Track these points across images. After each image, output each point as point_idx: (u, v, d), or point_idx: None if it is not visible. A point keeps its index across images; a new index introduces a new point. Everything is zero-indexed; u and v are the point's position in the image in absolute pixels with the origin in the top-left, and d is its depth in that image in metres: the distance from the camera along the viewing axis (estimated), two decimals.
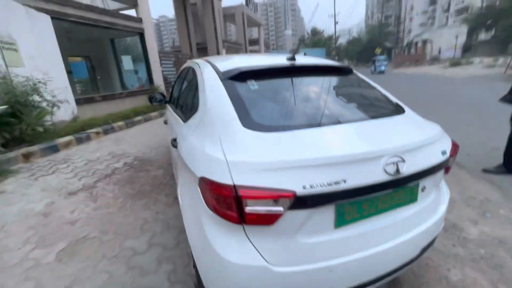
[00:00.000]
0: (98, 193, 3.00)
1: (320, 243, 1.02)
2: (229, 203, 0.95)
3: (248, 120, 1.15)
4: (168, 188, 3.03)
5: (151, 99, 3.13)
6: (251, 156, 0.98)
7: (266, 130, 1.11)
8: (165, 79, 10.55)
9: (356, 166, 0.98)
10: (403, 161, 1.03)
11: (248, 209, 0.93)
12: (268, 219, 0.95)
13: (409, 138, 1.13)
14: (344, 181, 0.94)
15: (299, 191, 0.91)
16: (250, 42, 22.00)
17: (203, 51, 15.73)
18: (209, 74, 1.52)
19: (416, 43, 37.00)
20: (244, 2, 19.70)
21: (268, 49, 29.50)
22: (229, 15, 19.07)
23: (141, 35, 9.13)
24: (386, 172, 1.00)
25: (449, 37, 30.66)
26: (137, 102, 8.45)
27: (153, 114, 7.30)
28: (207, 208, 1.05)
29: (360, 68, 41.21)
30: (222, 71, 1.49)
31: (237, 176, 0.94)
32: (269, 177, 0.93)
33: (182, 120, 1.75)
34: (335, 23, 30.02)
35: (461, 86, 11.24)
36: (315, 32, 35.54)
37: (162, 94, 3.15)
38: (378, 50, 33.20)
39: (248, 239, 1.00)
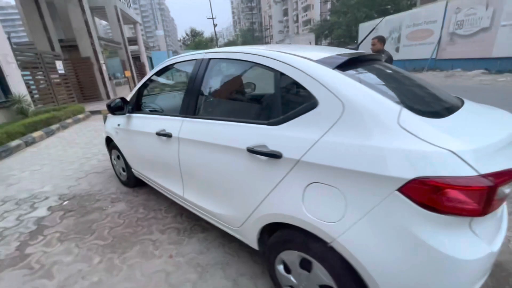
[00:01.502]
0: (42, 262, 1.90)
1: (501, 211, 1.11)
2: (475, 195, 0.87)
3: (411, 107, 1.06)
4: (157, 222, 2.30)
5: (112, 108, 2.26)
6: (471, 143, 0.93)
7: (431, 116, 1.06)
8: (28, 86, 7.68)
9: None
10: None
11: (497, 196, 0.88)
12: (501, 202, 0.93)
13: None
14: None
15: None
16: (128, 41, 19.32)
17: (72, 49, 12.48)
18: (307, 64, 1.26)
19: None
20: None
21: (148, 49, 26.87)
22: (97, 8, 15.91)
23: None
24: None
25: (305, 42, 38.07)
26: None
27: (37, 134, 5.19)
28: (424, 210, 0.91)
29: None
30: (316, 60, 1.28)
31: (479, 165, 0.87)
32: (497, 159, 0.92)
33: (260, 123, 1.36)
34: (214, 25, 30.88)
35: None
36: (194, 33, 35.22)
37: (124, 100, 2.33)
38: None
39: (471, 229, 0.95)
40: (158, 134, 1.97)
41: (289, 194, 1.24)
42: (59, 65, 9.62)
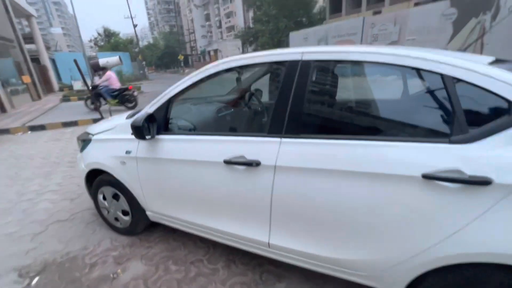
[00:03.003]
0: None
1: None
2: None
3: None
4: (209, 280, 1.69)
5: (141, 129, 1.52)
6: None
7: None
8: None
9: None
10: None
11: None
12: None
13: None
14: None
15: None
16: (23, 38, 15.34)
17: None
18: (493, 70, 1.05)
19: (209, 52, 43.07)
20: None
21: (49, 49, 22.09)
22: None
23: None
24: None
25: (232, 48, 38.50)
26: None
27: None
28: None
29: (166, 74, 41.35)
30: (488, 63, 1.11)
31: None
32: None
33: (434, 141, 1.07)
34: (134, 25, 27.59)
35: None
36: (109, 33, 30.46)
37: (151, 117, 1.62)
38: (181, 57, 35.02)
39: None
40: (230, 162, 1.42)
41: (501, 226, 1.00)
42: None
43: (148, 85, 18.47)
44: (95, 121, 6.74)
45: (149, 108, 1.72)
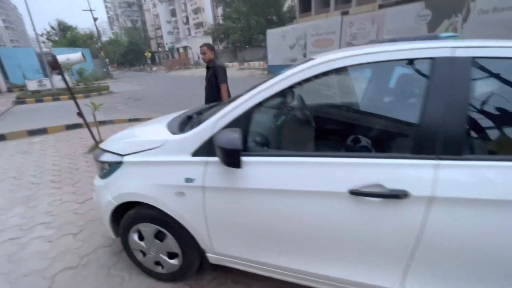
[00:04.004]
0: None
1: None
2: None
3: None
4: None
5: (238, 155, 1.09)
6: None
7: None
8: None
9: None
10: None
11: None
12: None
13: None
14: None
15: None
16: None
17: None
18: None
19: (178, 49, 41.10)
20: None
21: None
22: None
23: None
24: None
25: None
26: None
27: None
28: None
29: (130, 72, 38.64)
30: None
31: None
32: None
33: None
34: (95, 19, 25.02)
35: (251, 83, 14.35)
36: (64, 27, 27.20)
37: (244, 132, 1.18)
38: (148, 54, 33.00)
39: None
40: (359, 193, 1.06)
41: None
42: None
43: (114, 85, 16.94)
44: (69, 127, 5.80)
45: (222, 119, 1.28)
